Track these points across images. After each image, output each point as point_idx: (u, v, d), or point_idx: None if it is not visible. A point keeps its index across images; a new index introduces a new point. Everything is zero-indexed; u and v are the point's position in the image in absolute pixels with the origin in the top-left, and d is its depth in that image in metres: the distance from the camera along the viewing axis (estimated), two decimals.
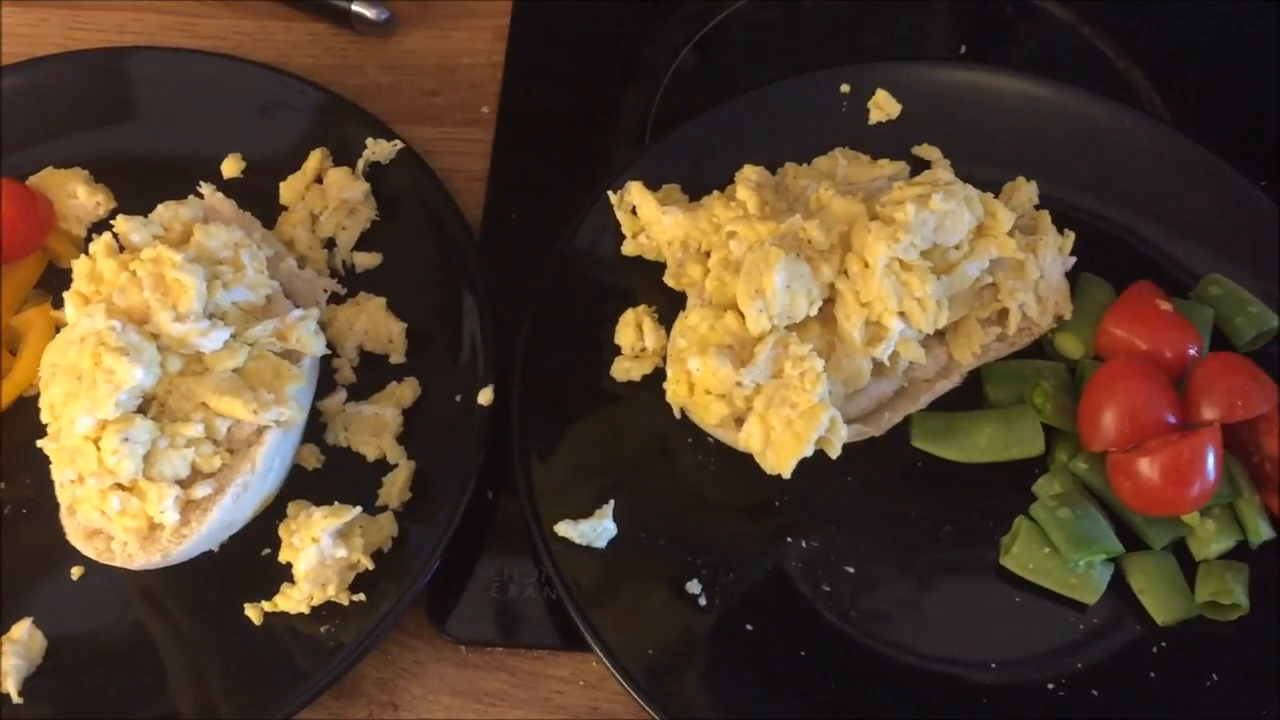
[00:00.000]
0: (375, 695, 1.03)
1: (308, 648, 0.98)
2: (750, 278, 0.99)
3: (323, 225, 1.17)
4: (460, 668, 1.04)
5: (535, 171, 1.27)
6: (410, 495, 1.05)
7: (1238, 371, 1.01)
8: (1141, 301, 1.06)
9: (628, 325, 1.10)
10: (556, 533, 1.00)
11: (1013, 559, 1.01)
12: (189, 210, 1.06)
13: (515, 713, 1.02)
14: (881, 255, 0.99)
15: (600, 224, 1.15)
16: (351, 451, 1.08)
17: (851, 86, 1.22)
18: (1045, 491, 1.03)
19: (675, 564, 1.02)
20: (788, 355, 0.99)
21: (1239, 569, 1.00)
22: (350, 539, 1.00)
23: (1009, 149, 1.19)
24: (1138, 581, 1.00)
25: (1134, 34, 1.34)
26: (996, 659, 0.99)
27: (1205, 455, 0.96)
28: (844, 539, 1.04)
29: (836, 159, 1.17)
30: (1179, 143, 1.18)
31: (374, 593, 1.00)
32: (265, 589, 1.01)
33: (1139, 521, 1.02)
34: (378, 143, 1.20)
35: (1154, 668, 0.98)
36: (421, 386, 1.10)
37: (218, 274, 1.01)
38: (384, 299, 1.12)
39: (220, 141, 1.22)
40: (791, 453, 0.98)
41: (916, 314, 1.00)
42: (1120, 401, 1.01)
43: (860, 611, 1.01)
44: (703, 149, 1.19)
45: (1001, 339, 1.08)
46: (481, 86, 1.34)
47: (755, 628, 1.00)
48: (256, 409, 0.96)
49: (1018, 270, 1.06)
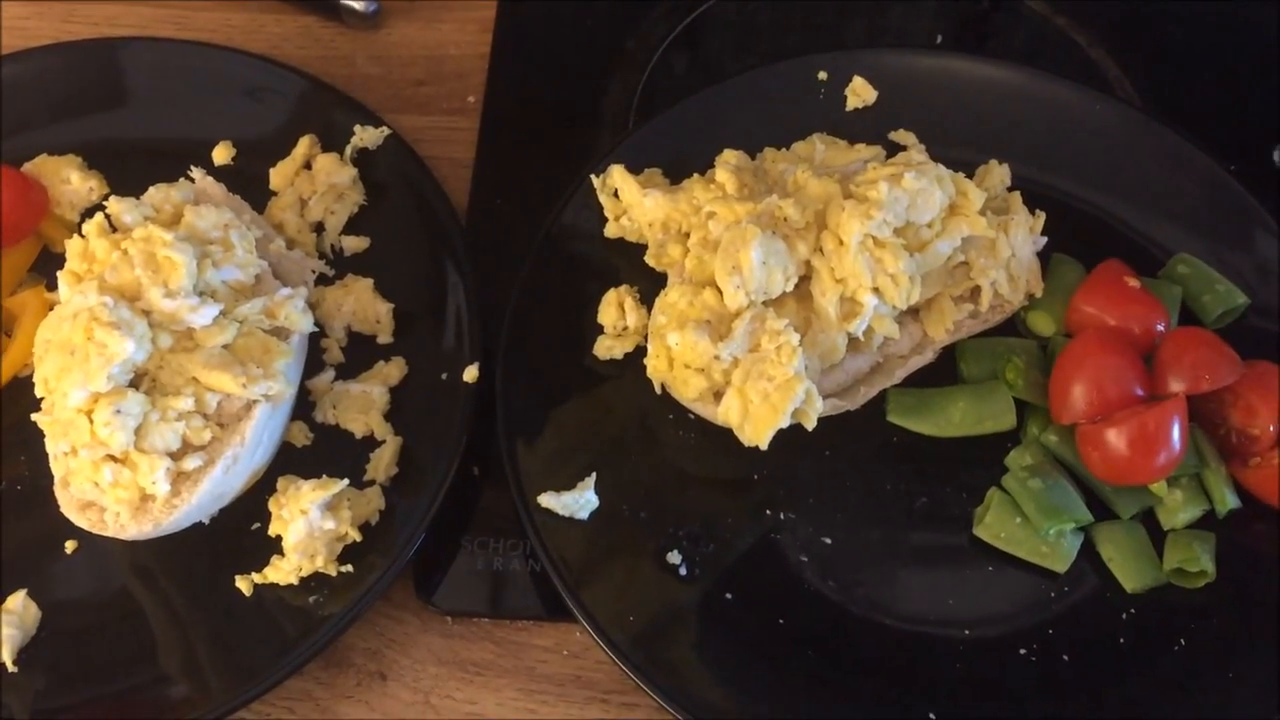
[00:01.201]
0: (363, 665, 1.05)
1: (296, 618, 1.01)
2: (727, 255, 1.02)
3: (311, 209, 1.19)
4: (446, 638, 1.06)
5: (519, 159, 1.29)
6: (397, 470, 1.07)
7: (1203, 345, 1.04)
8: (1110, 279, 1.09)
9: (610, 305, 1.13)
10: (540, 504, 1.03)
11: (985, 529, 1.04)
12: (180, 193, 1.08)
13: (500, 681, 1.04)
14: (855, 232, 1.02)
15: (583, 207, 1.18)
16: (340, 429, 1.11)
17: (829, 74, 1.25)
18: (1017, 463, 1.06)
19: (657, 535, 1.04)
20: (764, 330, 1.01)
21: (1206, 538, 1.02)
22: (338, 511, 1.02)
23: (983, 133, 1.22)
24: (1107, 550, 1.03)
25: (1106, 24, 1.37)
26: (970, 626, 1.01)
27: (1171, 426, 0.99)
28: (821, 511, 1.07)
29: (814, 144, 1.19)
30: (1149, 127, 1.21)
31: (361, 564, 1.03)
32: (255, 562, 1.03)
33: (1108, 492, 1.04)
34: (365, 129, 1.22)
35: (1123, 634, 1.01)
36: (408, 365, 1.13)
37: (208, 253, 1.04)
38: (371, 280, 1.15)
39: (211, 129, 1.24)
40: (768, 424, 1.00)
41: (890, 290, 1.03)
42: (1089, 375, 1.03)
43: (837, 581, 1.04)
44: (684, 134, 1.21)
45: (974, 316, 1.10)
46: (467, 77, 1.36)
47: (735, 596, 1.02)
48: (245, 383, 0.98)
49: (989, 249, 1.09)
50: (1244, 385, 1.03)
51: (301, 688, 1.03)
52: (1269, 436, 1.02)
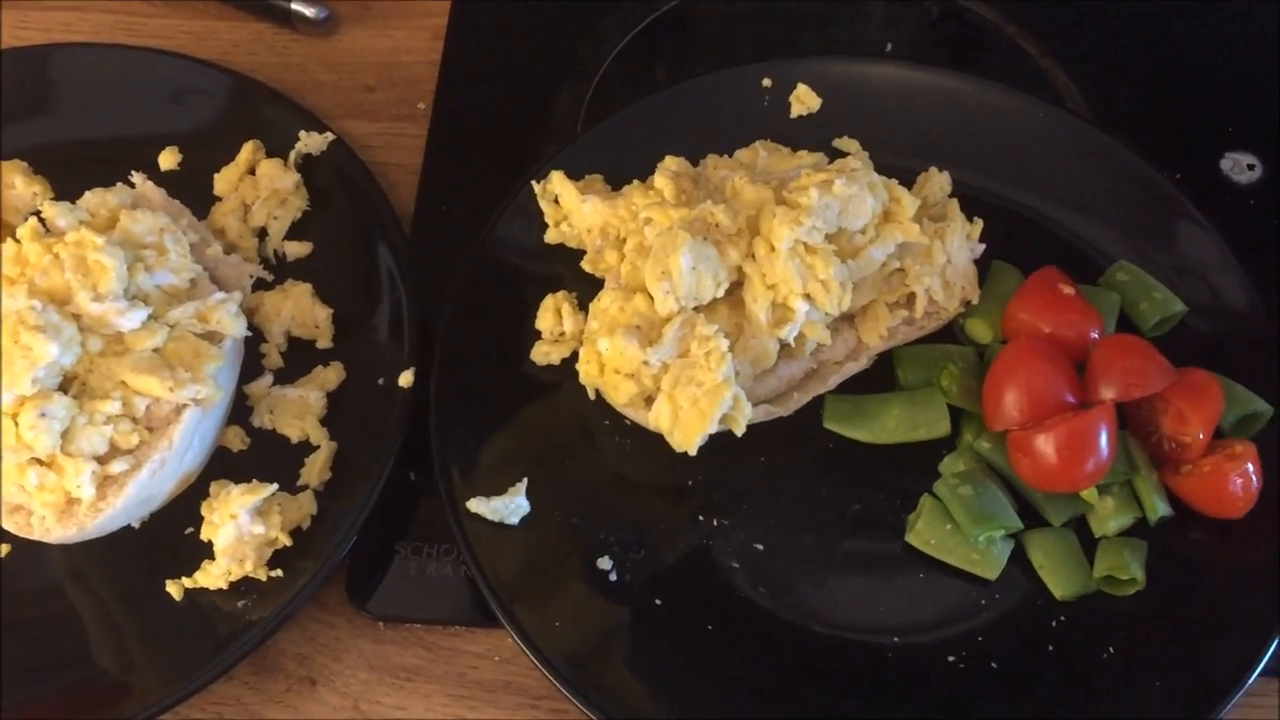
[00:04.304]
0: (294, 670, 1.05)
1: (225, 622, 1.01)
2: (657, 260, 1.02)
3: (254, 215, 1.20)
4: (378, 644, 1.06)
5: (467, 165, 1.29)
6: (330, 475, 1.07)
7: (1134, 353, 1.03)
8: (1045, 286, 1.09)
9: (548, 310, 1.13)
10: (469, 509, 1.03)
11: (916, 535, 1.04)
12: (116, 197, 1.08)
13: (430, 687, 1.04)
14: (785, 238, 1.02)
15: (525, 213, 1.18)
16: (276, 434, 1.11)
17: (774, 81, 1.25)
18: (949, 469, 1.06)
19: (587, 541, 1.04)
20: (694, 335, 1.01)
21: (1137, 545, 1.02)
22: (268, 516, 1.02)
23: (927, 141, 1.22)
24: (1037, 557, 1.02)
25: (1056, 33, 1.37)
26: (899, 633, 1.01)
27: (1099, 432, 0.99)
28: (755, 518, 1.07)
29: (757, 150, 1.19)
30: (1094, 136, 1.21)
31: (292, 569, 1.02)
32: (190, 566, 1.03)
33: (1039, 499, 1.04)
34: (310, 135, 1.23)
35: (1052, 641, 1.00)
36: (347, 371, 1.13)
37: (141, 257, 1.04)
38: (310, 285, 1.15)
39: (157, 135, 1.24)
40: (697, 430, 1.00)
41: (821, 296, 1.03)
42: (1021, 382, 1.03)
43: (768, 587, 1.03)
44: (628, 141, 1.22)
45: (910, 323, 1.10)
46: (418, 84, 1.37)
47: (665, 602, 1.02)
48: (173, 387, 0.98)
49: (925, 255, 1.09)
50: (1175, 393, 1.02)
51: (231, 693, 1.03)
52: (1200, 444, 1.02)
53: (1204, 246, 1.15)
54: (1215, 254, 1.14)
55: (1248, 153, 1.29)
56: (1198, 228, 1.16)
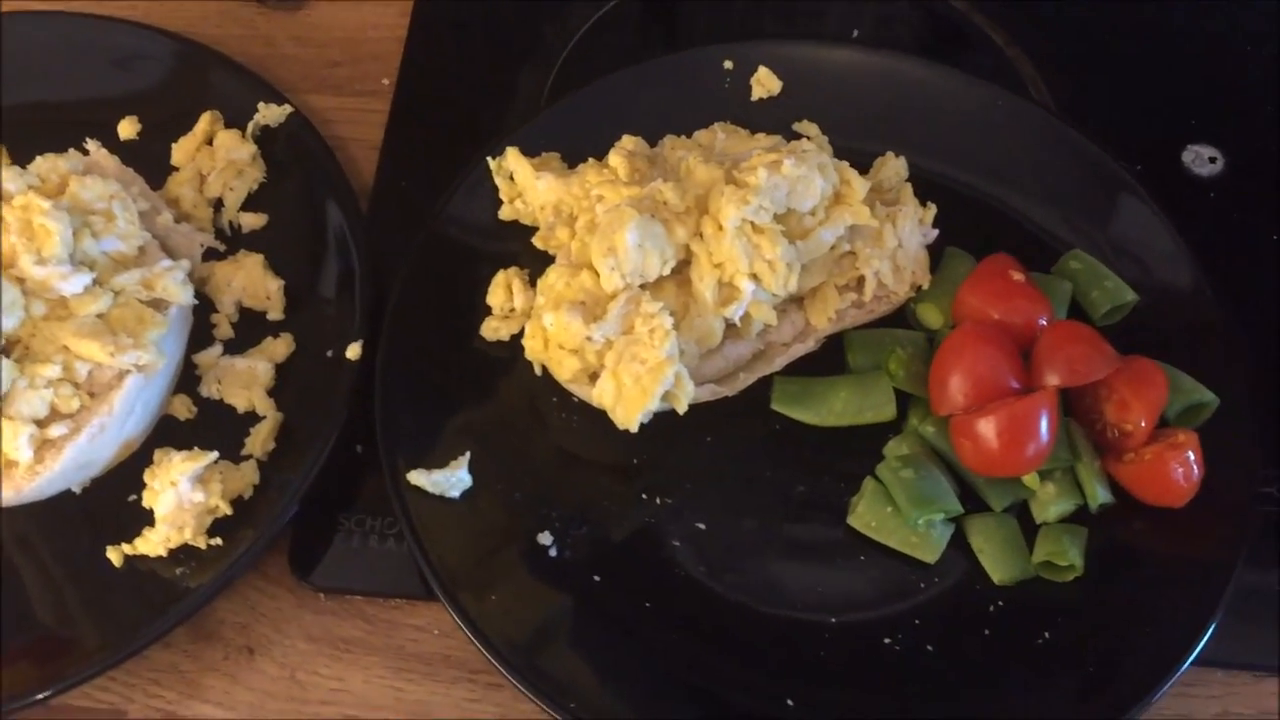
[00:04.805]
0: (232, 639, 1.05)
1: (164, 589, 1.01)
2: (604, 236, 1.02)
3: (210, 185, 1.20)
4: (318, 615, 1.06)
5: (428, 142, 1.29)
6: (275, 446, 1.07)
7: (1079, 339, 1.03)
8: (995, 272, 1.09)
9: (499, 286, 1.13)
10: (410, 481, 1.03)
11: (857, 518, 1.04)
12: (67, 163, 1.08)
13: (369, 659, 1.04)
14: (732, 217, 1.01)
15: (480, 189, 1.18)
16: (224, 404, 1.11)
17: (735, 63, 1.24)
18: (893, 453, 1.06)
19: (529, 517, 1.04)
20: (639, 312, 1.01)
21: (1077, 532, 1.02)
22: (209, 484, 1.02)
23: (887, 126, 1.21)
24: (977, 541, 1.02)
25: (1023, 24, 1.37)
26: (836, 613, 1.01)
27: (1039, 417, 0.99)
28: (698, 497, 1.06)
29: (715, 132, 1.19)
30: (1053, 126, 1.21)
31: (232, 538, 1.02)
32: (130, 533, 1.03)
33: (981, 484, 1.04)
34: (268, 107, 1.23)
35: (989, 625, 1.00)
36: (296, 342, 1.13)
37: (89, 223, 1.04)
38: (262, 256, 1.15)
39: (118, 105, 1.25)
40: (638, 406, 1.00)
41: (767, 276, 1.03)
42: (966, 366, 1.03)
43: (708, 566, 1.03)
44: (587, 120, 1.21)
45: (858, 305, 1.10)
46: (384, 59, 1.36)
47: (604, 579, 1.02)
48: (114, 352, 0.98)
49: (876, 239, 1.09)
50: (1119, 380, 1.02)
51: (169, 660, 1.03)
52: (1142, 432, 1.01)
53: (1158, 237, 1.15)
54: (1169, 245, 1.14)
55: (1210, 146, 1.29)
56: (1154, 218, 1.15)
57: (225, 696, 1.02)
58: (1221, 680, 1.02)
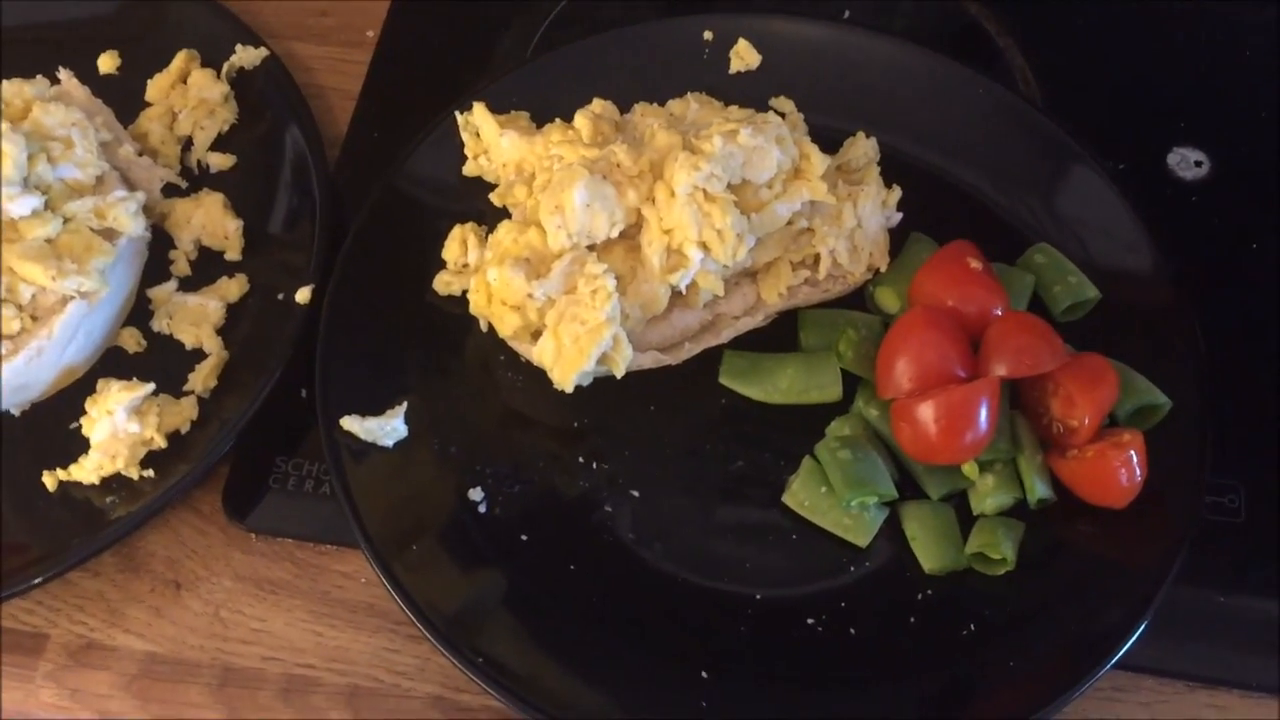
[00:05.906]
0: (161, 572, 1.05)
1: (93, 515, 1.01)
2: (552, 194, 1.01)
3: (181, 123, 1.20)
4: (247, 554, 1.06)
5: (405, 96, 1.28)
6: (217, 384, 1.08)
7: (1028, 331, 1.01)
8: (953, 259, 1.07)
9: (454, 240, 1.12)
10: (342, 426, 1.02)
11: (791, 496, 1.02)
12: (33, 88, 1.09)
13: (292, 602, 1.04)
14: (684, 183, 1.00)
15: (447, 143, 1.17)
16: (174, 339, 1.11)
17: (714, 34, 1.23)
18: (834, 433, 1.04)
19: (462, 471, 1.04)
20: (582, 273, 1.00)
21: (1013, 526, 1.00)
22: (145, 416, 1.02)
23: (865, 106, 1.20)
24: (911, 529, 1.01)
25: (1016, 15, 1.34)
26: (762, 590, 1.00)
27: (979, 405, 0.97)
28: (636, 465, 1.05)
29: (689, 103, 1.18)
30: (1032, 117, 1.18)
31: (165, 471, 1.03)
32: (68, 460, 1.04)
33: (920, 471, 1.02)
34: (245, 49, 1.23)
35: (914, 613, 0.99)
36: (250, 284, 1.13)
37: (46, 148, 1.04)
38: (222, 196, 1.15)
39: (101, 40, 1.25)
40: (575, 366, 0.99)
41: (716, 245, 1.01)
42: (913, 351, 1.01)
43: (637, 534, 1.02)
44: (560, 82, 1.20)
45: (811, 284, 1.09)
46: (370, 11, 1.36)
47: (530, 538, 1.02)
48: (55, 276, 0.99)
49: (835, 217, 1.07)
50: (1067, 375, 1.00)
51: (95, 588, 1.04)
52: (1086, 430, 0.99)
53: (1129, 237, 1.12)
54: (1140, 245, 1.11)
55: (1197, 149, 1.26)
56: (1126, 219, 1.13)
57: (147, 628, 1.02)
58: (1152, 688, 1.00)
